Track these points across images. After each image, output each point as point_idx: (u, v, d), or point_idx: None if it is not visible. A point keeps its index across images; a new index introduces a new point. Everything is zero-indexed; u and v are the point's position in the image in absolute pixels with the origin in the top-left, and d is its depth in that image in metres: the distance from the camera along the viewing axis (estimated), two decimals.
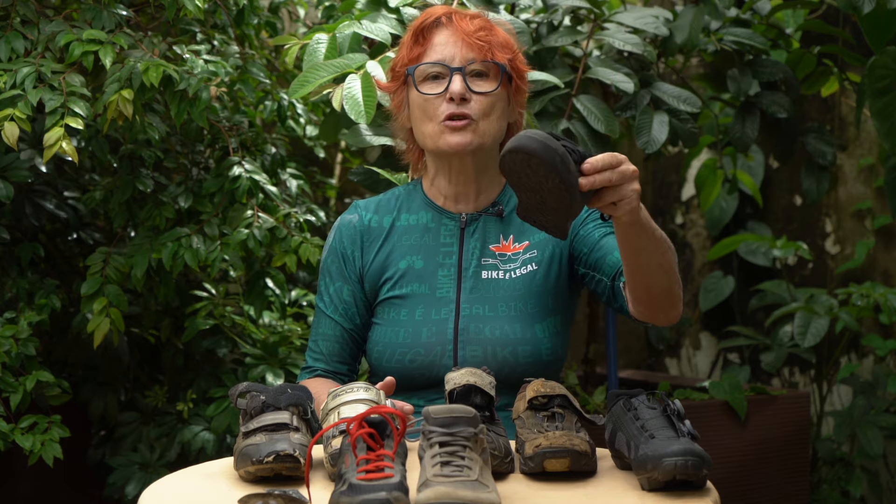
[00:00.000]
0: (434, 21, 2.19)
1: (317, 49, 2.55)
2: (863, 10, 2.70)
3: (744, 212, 4.50)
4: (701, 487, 1.70)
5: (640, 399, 1.81)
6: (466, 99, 2.14)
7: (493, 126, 2.17)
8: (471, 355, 2.13)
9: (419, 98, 2.17)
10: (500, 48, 2.17)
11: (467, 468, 1.58)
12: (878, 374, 3.83)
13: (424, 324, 2.15)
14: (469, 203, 2.24)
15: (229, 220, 2.94)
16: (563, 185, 1.79)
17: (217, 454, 3.08)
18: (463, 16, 2.19)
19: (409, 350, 2.14)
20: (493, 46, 2.16)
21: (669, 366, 4.58)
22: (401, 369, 2.14)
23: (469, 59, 2.15)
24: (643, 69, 3.12)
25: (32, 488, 3.26)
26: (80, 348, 3.21)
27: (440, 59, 2.16)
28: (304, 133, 3.56)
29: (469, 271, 2.18)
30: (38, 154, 2.98)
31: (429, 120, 2.17)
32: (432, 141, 2.18)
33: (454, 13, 2.20)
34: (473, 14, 2.21)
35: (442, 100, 2.15)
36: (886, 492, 3.94)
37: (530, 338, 2.13)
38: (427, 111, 2.17)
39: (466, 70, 2.15)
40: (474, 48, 2.15)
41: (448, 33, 2.17)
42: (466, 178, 2.22)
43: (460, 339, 2.14)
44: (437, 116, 2.15)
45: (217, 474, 1.84)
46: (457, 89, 2.13)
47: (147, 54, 2.72)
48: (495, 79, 2.16)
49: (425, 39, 2.18)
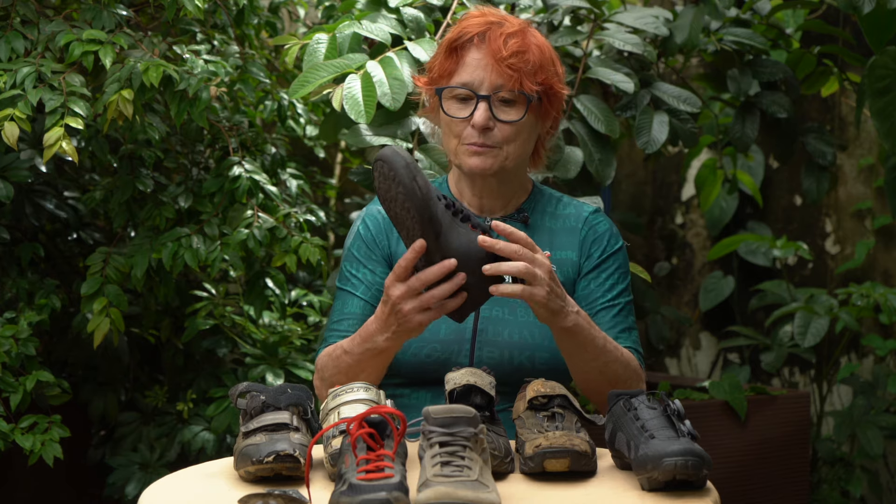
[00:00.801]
0: (468, 39, 2.13)
1: (317, 49, 2.55)
2: (863, 10, 2.70)
3: (744, 212, 4.50)
4: (701, 487, 1.70)
5: (640, 399, 1.81)
6: (490, 128, 2.11)
7: (518, 150, 2.15)
8: (487, 356, 2.12)
9: (445, 117, 2.15)
10: (530, 75, 2.11)
11: (467, 468, 1.58)
12: (878, 374, 3.83)
13: (444, 321, 2.12)
14: (493, 212, 2.22)
15: (229, 220, 2.94)
16: (418, 215, 1.82)
17: (217, 454, 3.08)
18: (499, 34, 2.12)
19: (426, 344, 2.13)
20: (524, 75, 2.10)
21: (669, 366, 4.59)
22: (416, 363, 2.14)
23: (497, 85, 2.10)
24: (643, 69, 3.12)
25: (32, 488, 3.26)
26: (80, 348, 3.21)
27: (468, 83, 2.11)
28: (304, 133, 3.56)
29: None
30: (38, 154, 2.98)
31: (453, 137, 2.14)
32: (454, 157, 2.16)
33: (490, 30, 2.13)
34: (512, 30, 2.13)
35: (466, 124, 2.12)
36: (886, 492, 3.94)
37: (548, 345, 2.12)
38: (452, 129, 2.14)
39: (493, 98, 2.11)
40: (503, 75, 2.10)
41: (480, 55, 2.11)
42: (490, 193, 2.20)
43: (478, 339, 2.13)
44: (461, 137, 2.13)
45: (217, 474, 1.84)
46: (479, 121, 2.10)
47: (147, 54, 2.72)
48: (522, 107, 2.12)
49: (458, 56, 2.13)
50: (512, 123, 2.12)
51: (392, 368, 2.15)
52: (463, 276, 1.87)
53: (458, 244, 1.87)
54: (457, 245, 1.87)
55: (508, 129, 2.12)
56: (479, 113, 2.10)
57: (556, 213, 2.23)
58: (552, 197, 2.26)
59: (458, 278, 1.87)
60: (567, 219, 2.23)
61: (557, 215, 2.23)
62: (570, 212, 2.24)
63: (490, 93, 2.10)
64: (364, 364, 2.04)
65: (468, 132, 2.12)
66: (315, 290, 3.61)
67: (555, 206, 2.24)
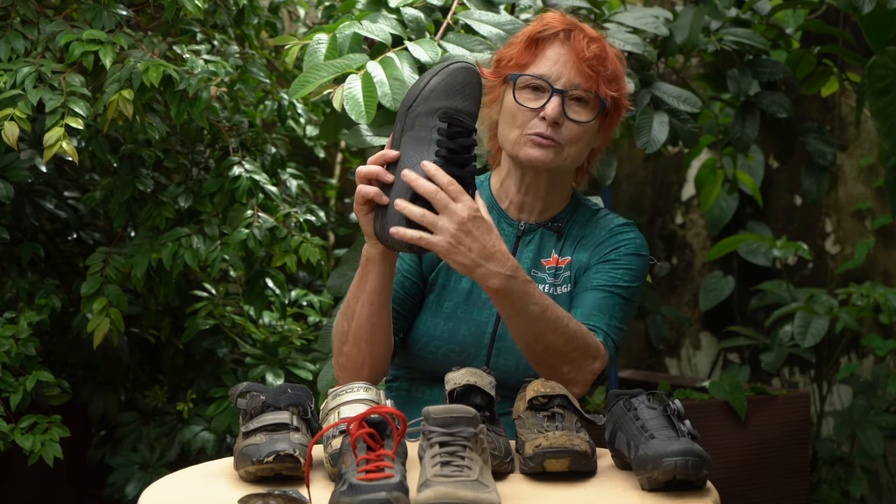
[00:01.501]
0: (553, 33, 2.12)
1: (317, 49, 2.55)
2: (863, 10, 2.70)
3: (744, 212, 4.50)
4: (701, 487, 1.70)
5: (640, 399, 1.81)
6: (559, 123, 2.09)
7: (577, 152, 2.14)
8: (503, 363, 2.12)
9: (513, 104, 2.12)
10: (608, 82, 2.11)
11: (467, 468, 1.58)
12: (878, 374, 3.83)
13: (465, 321, 2.13)
14: (532, 214, 2.20)
15: (229, 220, 2.94)
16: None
17: (217, 454, 3.08)
18: (582, 35, 2.12)
19: (443, 344, 2.13)
20: (602, 79, 2.10)
21: (669, 366, 4.59)
22: (432, 360, 2.13)
23: (575, 83, 2.09)
24: (643, 69, 3.12)
25: (32, 488, 3.26)
26: (80, 348, 3.21)
27: (546, 75, 2.10)
28: (304, 133, 3.56)
29: None
30: (38, 154, 2.98)
31: (516, 127, 2.12)
32: (512, 147, 2.14)
33: (574, 30, 2.13)
34: (593, 36, 2.14)
35: (535, 115, 2.10)
36: (886, 492, 3.94)
37: None
38: (517, 119, 2.12)
39: (568, 94, 2.10)
40: (583, 74, 2.09)
41: (562, 50, 2.11)
42: (536, 192, 2.19)
43: (496, 345, 2.12)
44: (526, 127, 2.11)
45: (217, 474, 1.84)
46: (552, 114, 2.08)
47: (147, 54, 2.73)
48: (593, 110, 2.11)
49: (538, 48, 2.12)
50: (580, 124, 2.11)
51: (409, 362, 2.16)
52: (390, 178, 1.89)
53: (405, 157, 1.89)
54: (402, 158, 1.89)
55: (575, 129, 2.11)
56: (551, 105, 2.09)
57: (588, 222, 2.22)
58: (588, 209, 2.25)
59: (391, 154, 1.90)
60: (596, 228, 2.21)
61: (588, 225, 2.21)
62: (601, 223, 2.22)
63: (566, 89, 2.09)
64: (357, 288, 2.02)
65: (534, 122, 2.10)
66: (315, 290, 3.62)
67: (589, 217, 2.23)
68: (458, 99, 1.90)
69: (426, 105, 1.90)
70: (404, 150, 1.90)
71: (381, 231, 1.92)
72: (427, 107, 1.90)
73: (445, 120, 1.89)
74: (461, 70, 1.91)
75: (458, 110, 1.90)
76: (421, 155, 1.88)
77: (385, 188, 1.90)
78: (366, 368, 2.05)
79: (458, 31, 2.67)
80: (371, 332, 2.03)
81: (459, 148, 1.89)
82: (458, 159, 1.89)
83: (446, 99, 1.90)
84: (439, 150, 1.88)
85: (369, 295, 2.01)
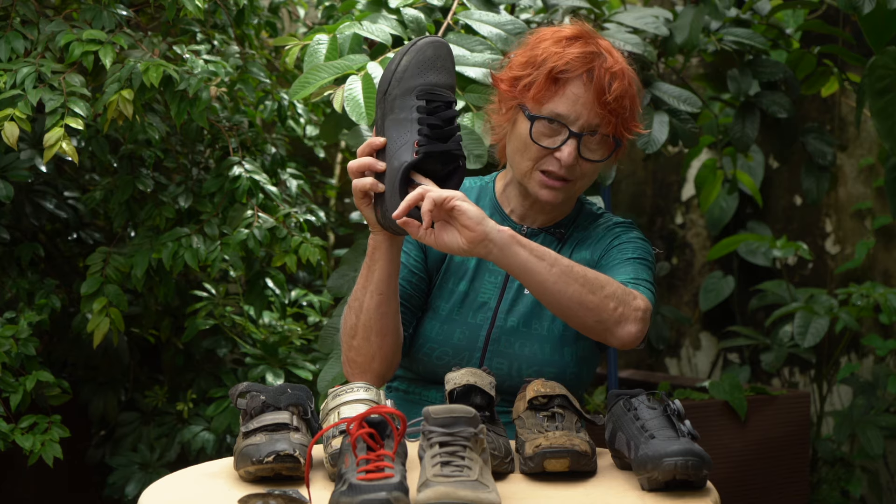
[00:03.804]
0: (577, 75, 2.06)
1: (317, 50, 2.55)
2: (863, 10, 2.70)
3: (744, 212, 4.50)
4: (701, 487, 1.70)
5: (640, 399, 1.81)
6: (572, 164, 2.08)
7: (587, 183, 2.14)
8: (496, 367, 2.11)
9: (527, 136, 2.09)
10: (625, 122, 2.09)
11: (467, 468, 1.58)
12: (878, 374, 3.83)
13: (459, 324, 2.13)
14: (536, 221, 2.20)
15: (229, 220, 2.94)
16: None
17: (217, 454, 3.08)
18: (604, 71, 2.07)
19: (437, 346, 2.13)
20: (621, 121, 2.08)
21: (669, 366, 4.59)
22: (427, 362, 2.13)
23: (594, 126, 2.07)
24: (643, 69, 3.12)
25: (32, 488, 3.26)
26: (80, 348, 3.21)
27: (563, 116, 2.06)
28: (304, 133, 3.56)
29: (514, 282, 2.15)
30: (38, 154, 2.98)
31: (528, 159, 2.10)
32: (523, 177, 2.13)
33: (595, 66, 2.07)
34: (615, 70, 2.08)
35: (549, 153, 2.08)
36: (886, 492, 3.94)
37: (558, 360, 2.12)
38: (530, 151, 2.10)
39: (584, 138, 2.07)
40: (603, 119, 2.07)
41: (582, 92, 2.06)
42: (540, 210, 2.18)
43: (490, 348, 2.13)
44: (538, 163, 2.10)
45: (217, 474, 1.84)
46: (568, 160, 2.07)
47: (147, 54, 2.73)
48: (609, 148, 2.10)
49: (558, 87, 2.07)
50: (595, 163, 2.10)
51: (405, 363, 2.16)
52: (380, 141, 1.90)
53: (391, 141, 1.90)
54: (389, 143, 1.90)
55: (588, 167, 2.10)
56: (568, 150, 2.07)
57: (590, 225, 2.22)
58: (592, 214, 2.24)
59: (377, 141, 1.90)
60: (596, 229, 2.21)
61: (590, 227, 2.22)
62: (602, 223, 2.22)
63: (583, 132, 2.07)
64: (365, 278, 2.02)
65: (548, 160, 2.08)
66: (315, 290, 3.61)
67: (591, 220, 2.23)
68: (431, 73, 1.90)
69: (401, 86, 1.91)
70: (389, 135, 1.91)
71: (383, 218, 1.93)
72: (402, 88, 1.91)
73: (423, 97, 1.89)
74: (429, 45, 1.92)
75: (434, 84, 1.90)
76: (406, 136, 1.89)
77: (379, 176, 1.92)
78: (376, 360, 2.05)
79: (459, 31, 2.67)
80: (381, 323, 2.03)
81: (442, 122, 1.90)
82: (441, 133, 1.89)
83: (420, 76, 1.90)
84: (421, 128, 1.89)
85: (377, 284, 2.01)
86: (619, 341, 1.99)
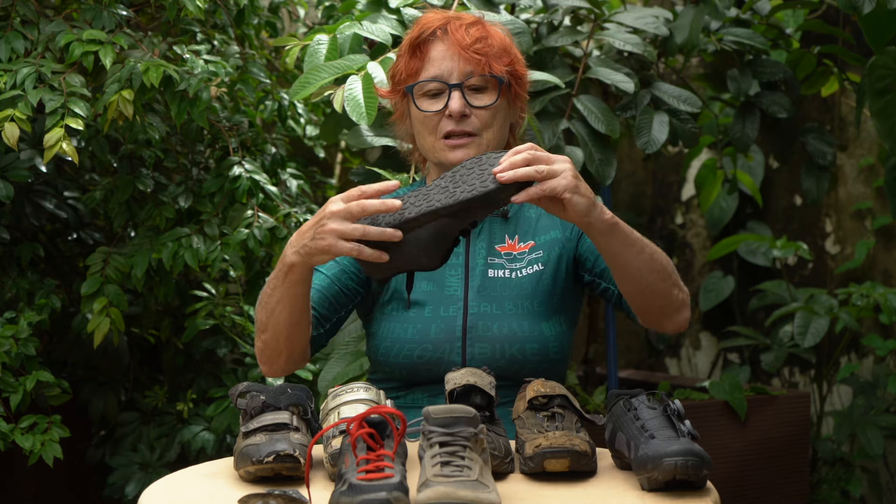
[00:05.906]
0: (430, 33, 2.16)
1: (317, 50, 2.55)
2: (863, 10, 2.70)
3: (744, 212, 4.50)
4: (701, 487, 1.70)
5: (640, 399, 1.81)
6: (467, 115, 2.13)
7: (496, 135, 2.16)
8: (479, 352, 2.13)
9: (419, 113, 2.16)
10: (497, 58, 2.14)
11: (467, 468, 1.58)
12: (878, 374, 3.84)
13: (433, 320, 2.14)
14: None
15: (229, 220, 2.94)
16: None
17: (217, 454, 3.08)
18: (459, 25, 2.16)
19: (417, 346, 2.14)
20: (491, 58, 2.13)
21: (669, 366, 4.59)
22: (408, 364, 2.14)
23: (467, 72, 2.13)
24: (643, 69, 3.13)
25: (32, 488, 3.26)
26: (80, 348, 3.21)
27: (437, 75, 2.14)
28: (304, 133, 3.56)
29: (476, 270, 2.17)
30: (38, 154, 2.98)
31: (429, 134, 2.16)
32: (433, 154, 2.17)
33: (449, 23, 2.16)
34: (470, 20, 2.17)
35: (441, 116, 2.14)
36: (886, 492, 3.94)
37: (538, 335, 2.13)
38: (427, 126, 2.16)
39: (465, 85, 2.13)
40: (472, 62, 2.12)
41: (444, 46, 2.14)
42: None
43: (468, 336, 2.14)
44: (438, 132, 2.15)
45: (217, 474, 1.84)
46: (456, 108, 2.12)
47: (147, 54, 2.73)
48: (494, 90, 2.15)
49: (422, 53, 2.16)
50: (487, 108, 2.14)
51: (386, 372, 2.16)
52: (399, 235, 1.87)
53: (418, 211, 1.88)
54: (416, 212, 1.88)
55: (485, 115, 2.14)
56: (454, 101, 2.12)
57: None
58: None
59: (391, 232, 1.87)
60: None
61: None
62: None
63: (461, 80, 2.13)
64: (277, 289, 2.01)
65: (444, 123, 2.14)
66: None
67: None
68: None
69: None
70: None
71: (377, 268, 1.91)
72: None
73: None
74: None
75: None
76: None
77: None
78: (283, 358, 2.08)
79: None
80: (289, 332, 2.04)
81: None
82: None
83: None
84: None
85: (290, 300, 2.01)
86: (674, 326, 2.08)
